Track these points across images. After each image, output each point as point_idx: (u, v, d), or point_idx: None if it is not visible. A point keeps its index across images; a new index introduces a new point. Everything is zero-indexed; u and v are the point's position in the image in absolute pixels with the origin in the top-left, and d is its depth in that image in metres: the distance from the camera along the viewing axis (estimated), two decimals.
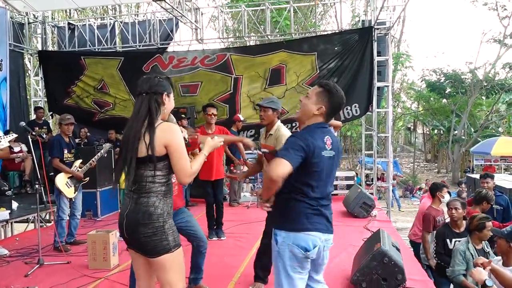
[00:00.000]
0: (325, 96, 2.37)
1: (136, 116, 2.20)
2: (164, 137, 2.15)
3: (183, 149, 2.20)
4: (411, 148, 33.91)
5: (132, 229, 2.17)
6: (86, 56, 9.13)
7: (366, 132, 9.78)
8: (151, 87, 2.24)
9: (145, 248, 2.18)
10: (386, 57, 8.24)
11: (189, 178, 2.22)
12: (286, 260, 2.28)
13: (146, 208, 2.16)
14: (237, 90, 8.67)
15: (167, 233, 2.19)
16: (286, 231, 2.29)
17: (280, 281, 2.33)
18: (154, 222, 2.15)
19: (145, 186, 2.18)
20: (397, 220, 13.40)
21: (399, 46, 24.60)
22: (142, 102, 2.22)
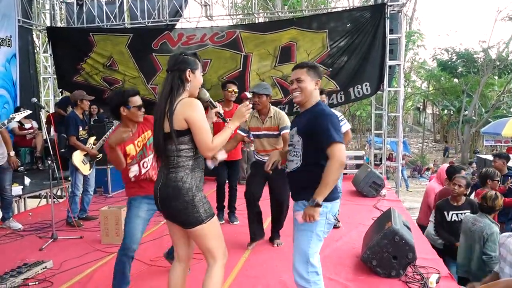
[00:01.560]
0: (314, 71, 2.55)
1: (161, 95, 2.31)
2: (184, 112, 2.20)
3: (202, 123, 2.22)
4: (420, 128, 33.67)
5: (164, 203, 2.30)
6: (95, 32, 9.05)
7: (375, 112, 9.69)
8: (174, 65, 2.30)
9: (179, 220, 2.31)
10: (398, 35, 8.07)
11: (209, 152, 2.26)
12: (321, 226, 2.45)
13: (175, 183, 2.25)
14: (247, 68, 8.58)
15: (198, 206, 2.26)
16: (325, 201, 2.39)
17: (309, 243, 2.45)
18: (184, 196, 2.24)
19: (173, 161, 2.26)
20: (405, 200, 13.42)
21: (411, 24, 24.13)
22: (167, 80, 2.31)
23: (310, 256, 2.44)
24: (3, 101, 8.15)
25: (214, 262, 2.36)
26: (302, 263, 2.45)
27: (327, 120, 2.40)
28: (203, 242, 2.33)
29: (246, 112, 2.43)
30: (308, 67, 2.55)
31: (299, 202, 2.52)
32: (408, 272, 3.50)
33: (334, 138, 2.35)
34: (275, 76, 8.49)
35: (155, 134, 2.33)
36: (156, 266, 3.82)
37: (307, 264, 2.43)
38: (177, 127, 2.22)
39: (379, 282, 3.40)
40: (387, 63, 8.00)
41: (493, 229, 3.86)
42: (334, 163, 2.34)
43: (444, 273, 3.50)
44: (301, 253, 2.46)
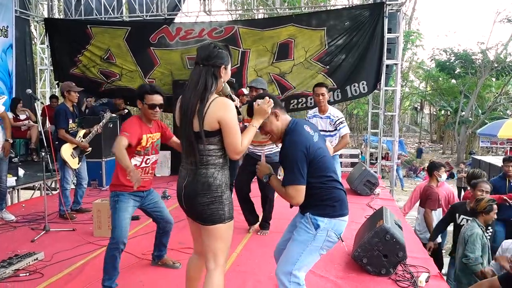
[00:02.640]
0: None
1: (194, 89, 2.18)
2: (218, 113, 2.14)
3: (235, 124, 2.18)
4: (417, 128, 33.75)
5: (191, 199, 2.25)
6: (93, 25, 9.00)
7: (372, 111, 9.70)
8: (209, 58, 2.19)
9: (202, 216, 2.26)
10: (396, 34, 8.08)
11: (238, 154, 2.22)
12: (319, 243, 2.42)
13: (205, 179, 2.21)
14: (244, 64, 8.57)
15: (224, 203, 2.25)
16: (329, 218, 2.41)
17: (299, 255, 2.42)
18: (213, 192, 2.22)
19: (202, 159, 2.21)
20: (399, 199, 13.44)
21: (410, 23, 24.13)
22: (200, 74, 2.18)
23: (296, 268, 2.40)
24: None
25: (215, 266, 2.31)
26: (285, 272, 2.42)
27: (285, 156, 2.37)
28: (214, 242, 2.28)
29: (268, 108, 2.33)
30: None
31: (301, 215, 2.52)
32: (398, 271, 3.52)
33: (286, 183, 2.35)
34: (272, 72, 8.49)
35: (182, 131, 2.25)
36: (147, 260, 3.82)
37: (289, 275, 2.40)
38: (207, 128, 2.16)
39: (369, 280, 3.42)
40: (385, 62, 8.01)
41: (473, 230, 3.87)
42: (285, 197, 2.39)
43: (434, 273, 3.53)
44: (288, 261, 2.44)
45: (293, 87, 8.46)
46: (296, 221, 2.61)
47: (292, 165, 2.30)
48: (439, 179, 5.17)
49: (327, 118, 4.96)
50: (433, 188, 5.16)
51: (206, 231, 2.29)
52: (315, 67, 8.27)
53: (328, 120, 4.96)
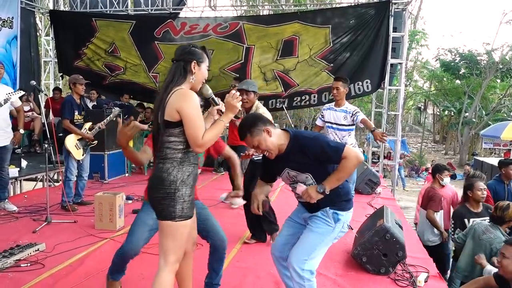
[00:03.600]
0: (255, 129, 2.41)
1: (164, 83, 2.26)
2: (177, 102, 2.13)
3: (195, 116, 2.12)
4: (420, 128, 33.67)
5: (150, 192, 2.27)
6: (98, 18, 9.01)
7: (375, 110, 9.69)
8: (181, 55, 2.26)
9: (156, 210, 2.26)
10: (402, 33, 8.06)
11: (198, 147, 2.16)
12: (335, 234, 2.51)
13: (160, 174, 2.19)
14: (248, 60, 8.56)
15: (177, 201, 2.18)
16: (346, 211, 2.50)
17: (316, 246, 2.46)
18: (166, 188, 2.17)
19: (163, 152, 2.20)
20: (401, 199, 13.46)
21: (416, 23, 24.03)
22: (170, 69, 2.26)
23: (312, 257, 2.44)
24: (2, 82, 8.09)
25: (164, 265, 2.24)
26: (301, 260, 2.42)
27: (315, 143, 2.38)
28: (164, 239, 2.24)
29: (236, 102, 2.28)
30: (249, 132, 2.41)
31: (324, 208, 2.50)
32: (398, 270, 3.53)
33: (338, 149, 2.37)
34: (276, 69, 8.48)
35: (154, 123, 2.31)
36: (148, 254, 3.83)
37: (304, 263, 2.42)
38: (168, 118, 2.15)
39: (368, 278, 3.43)
40: (389, 61, 7.99)
41: (501, 240, 3.72)
42: (349, 161, 2.33)
43: (433, 273, 3.53)
44: (304, 250, 2.45)
45: (296, 84, 8.45)
46: (302, 217, 2.62)
47: (325, 143, 2.38)
48: (441, 183, 5.11)
49: (342, 112, 4.72)
50: (436, 189, 5.10)
51: (159, 225, 2.27)
52: (319, 65, 8.26)
53: (343, 113, 4.70)
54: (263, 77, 8.56)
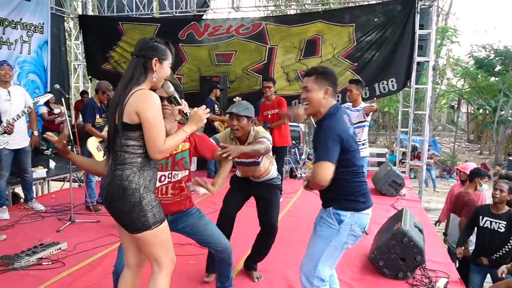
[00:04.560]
0: (323, 78, 2.38)
1: (122, 81, 2.06)
2: (136, 104, 1.96)
3: (156, 119, 1.97)
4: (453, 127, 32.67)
5: (109, 203, 2.07)
6: (124, 21, 9.21)
7: (403, 109, 9.47)
8: (141, 50, 2.07)
9: (123, 224, 2.08)
10: (428, 30, 7.84)
11: (159, 153, 2.01)
12: (343, 237, 2.36)
13: (120, 182, 2.00)
14: (271, 61, 8.55)
15: (145, 209, 2.02)
16: (351, 211, 2.34)
17: (322, 251, 2.37)
18: (130, 197, 2.00)
19: (120, 157, 2.02)
20: (430, 200, 13.12)
21: (447, 19, 23.35)
22: (130, 66, 2.08)
23: (320, 263, 2.37)
24: (34, 86, 8.43)
25: (159, 269, 2.14)
26: (309, 267, 2.39)
27: (323, 135, 2.28)
28: (150, 250, 2.11)
29: (204, 116, 2.18)
30: (316, 74, 2.38)
31: (323, 210, 2.45)
32: (417, 275, 3.43)
33: (319, 157, 2.24)
34: (299, 69, 8.43)
35: (109, 124, 2.12)
36: None
37: (314, 270, 2.37)
38: (127, 120, 1.98)
39: (385, 283, 3.35)
40: (415, 59, 7.79)
41: None
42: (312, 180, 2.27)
43: (454, 278, 3.41)
44: (312, 258, 2.40)
45: None
46: (317, 218, 2.55)
47: (325, 143, 2.24)
48: (479, 188, 4.89)
49: (356, 111, 4.84)
50: (471, 195, 4.86)
51: (137, 239, 2.09)
52: (343, 64, 8.15)
53: (357, 112, 4.82)
54: (286, 77, 8.53)
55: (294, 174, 7.78)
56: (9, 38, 7.68)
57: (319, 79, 2.36)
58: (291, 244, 4.22)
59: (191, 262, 3.70)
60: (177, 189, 2.58)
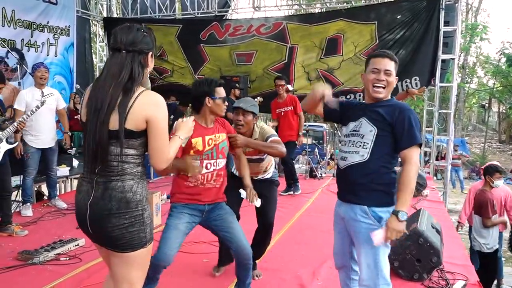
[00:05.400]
0: (396, 67, 2.30)
1: (115, 79, 1.76)
2: (147, 110, 1.76)
3: (166, 128, 1.81)
4: (484, 127, 31.69)
5: (101, 221, 1.77)
6: (147, 23, 9.30)
7: (428, 108, 9.26)
8: (134, 44, 1.79)
9: (117, 243, 1.80)
10: (454, 27, 7.62)
11: (166, 163, 1.85)
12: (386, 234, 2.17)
13: (122, 194, 1.77)
14: (292, 60, 8.51)
15: (146, 223, 1.83)
16: (389, 206, 2.19)
17: (377, 255, 2.20)
18: (133, 210, 1.78)
19: (117, 167, 1.77)
20: (458, 202, 12.72)
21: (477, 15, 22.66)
22: (124, 62, 1.77)
23: (381, 269, 2.21)
24: (60, 87, 8.66)
25: None
26: (372, 278, 2.22)
27: (411, 117, 2.15)
28: (131, 271, 1.85)
29: (191, 125, 2.14)
30: (395, 61, 2.28)
31: (356, 207, 2.21)
32: (434, 277, 3.34)
33: (417, 140, 2.14)
34: (320, 68, 8.36)
35: (90, 131, 1.76)
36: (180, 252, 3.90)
37: (377, 278, 2.21)
38: (132, 127, 1.75)
39: (400, 284, 3.26)
40: (440, 57, 7.59)
41: None
42: (413, 167, 2.10)
43: (473, 281, 3.30)
44: (370, 266, 2.21)
45: (341, 83, 8.27)
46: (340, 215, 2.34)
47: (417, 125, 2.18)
48: (492, 185, 4.78)
49: None
50: (486, 193, 4.78)
51: (122, 258, 1.83)
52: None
53: None
54: (306, 76, 8.47)
55: (314, 174, 7.71)
56: (37, 41, 7.91)
57: (395, 66, 2.29)
58: (306, 243, 4.20)
59: (204, 260, 3.72)
60: (219, 176, 2.67)
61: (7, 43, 7.07)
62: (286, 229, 4.63)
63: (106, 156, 1.75)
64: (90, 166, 1.80)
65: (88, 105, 1.79)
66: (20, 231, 4.37)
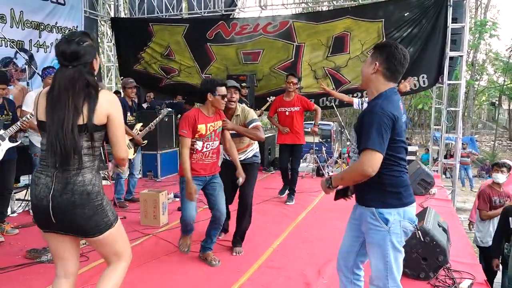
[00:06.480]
0: (377, 53, 2.21)
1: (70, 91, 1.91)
2: (107, 107, 1.97)
3: (122, 121, 2.08)
4: (494, 125, 31.35)
5: (66, 213, 1.94)
6: (154, 23, 9.40)
7: (436, 106, 9.18)
8: (78, 59, 1.94)
9: (84, 230, 2.00)
10: (462, 24, 7.55)
11: (125, 152, 2.10)
12: (396, 237, 2.16)
13: (84, 188, 1.94)
14: (299, 58, 8.49)
15: (106, 209, 2.03)
16: (396, 208, 2.16)
17: (386, 258, 2.17)
18: (93, 201, 1.97)
19: (78, 161, 1.93)
20: (467, 200, 12.63)
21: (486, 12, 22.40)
22: (74, 77, 1.92)
23: (392, 272, 2.18)
24: None
25: (119, 261, 2.17)
26: (381, 278, 2.22)
27: (371, 121, 2.08)
28: (111, 247, 2.11)
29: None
30: (374, 48, 2.24)
31: (366, 209, 2.22)
32: (440, 275, 3.32)
33: (366, 145, 2.05)
34: (327, 67, 8.33)
35: (52, 125, 1.91)
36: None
37: (386, 280, 2.20)
38: (96, 121, 1.94)
39: (406, 283, 3.22)
40: (448, 54, 7.53)
41: None
42: (357, 165, 2.11)
43: (479, 280, 3.27)
44: (380, 268, 2.20)
45: (348, 82, 8.24)
46: (357, 215, 2.32)
47: (373, 128, 2.04)
48: (495, 181, 4.79)
49: None
50: (487, 187, 4.88)
51: (97, 242, 2.06)
52: None
53: None
54: (313, 75, 8.45)
55: (321, 172, 7.69)
56: (45, 42, 7.97)
57: (374, 53, 2.24)
58: (312, 242, 4.20)
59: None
60: (214, 153, 3.53)
61: (16, 44, 7.14)
62: (292, 228, 4.63)
63: (70, 151, 1.89)
64: (50, 160, 1.94)
65: (48, 113, 1.95)
66: (11, 230, 4.42)
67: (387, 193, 2.17)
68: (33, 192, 2.00)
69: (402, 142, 2.17)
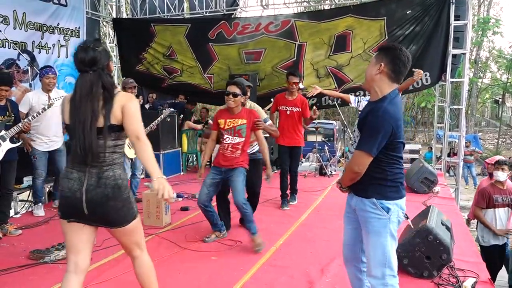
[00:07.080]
0: (382, 54, 2.31)
1: (89, 95, 2.12)
2: (121, 101, 2.16)
3: (138, 111, 2.22)
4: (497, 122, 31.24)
5: (99, 205, 2.15)
6: (156, 23, 9.39)
7: (439, 104, 9.16)
8: (96, 64, 2.15)
9: (114, 220, 2.22)
10: (465, 21, 7.52)
11: (143, 134, 2.19)
12: (394, 225, 2.32)
13: (115, 182, 2.18)
14: (301, 58, 8.47)
15: (132, 201, 2.29)
16: (394, 200, 2.31)
17: (385, 245, 2.30)
18: (123, 194, 2.21)
19: (108, 158, 2.18)
20: (470, 198, 12.53)
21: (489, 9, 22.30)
22: (93, 81, 2.13)
23: (389, 260, 2.30)
24: (71, 88, 8.74)
25: (141, 251, 2.40)
26: (379, 267, 2.31)
27: (375, 125, 2.22)
28: (134, 236, 2.34)
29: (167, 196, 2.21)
30: (379, 50, 2.35)
31: (365, 200, 2.32)
32: (444, 274, 3.31)
33: (359, 147, 2.26)
34: (329, 65, 8.31)
35: (77, 128, 2.13)
36: (189, 250, 3.94)
37: (384, 267, 2.29)
38: (114, 121, 2.15)
39: (410, 281, 3.24)
40: (451, 52, 7.50)
41: None
42: (349, 166, 2.36)
43: (483, 278, 3.26)
44: (378, 257, 2.30)
45: (350, 80, 8.22)
46: (352, 207, 2.43)
47: (373, 133, 2.20)
48: (496, 179, 4.77)
49: None
50: (487, 185, 4.84)
51: (123, 231, 2.28)
52: None
53: None
54: (315, 74, 8.43)
55: (323, 171, 7.68)
56: (47, 43, 7.99)
57: (378, 55, 2.33)
58: (315, 241, 4.19)
59: (212, 257, 3.74)
60: (234, 148, 3.93)
61: (18, 45, 7.16)
62: (295, 227, 4.63)
63: (97, 149, 2.12)
64: (82, 158, 2.14)
65: (71, 117, 2.19)
66: (14, 231, 4.42)
67: (387, 187, 2.31)
68: (65, 185, 2.18)
69: (401, 142, 2.32)
